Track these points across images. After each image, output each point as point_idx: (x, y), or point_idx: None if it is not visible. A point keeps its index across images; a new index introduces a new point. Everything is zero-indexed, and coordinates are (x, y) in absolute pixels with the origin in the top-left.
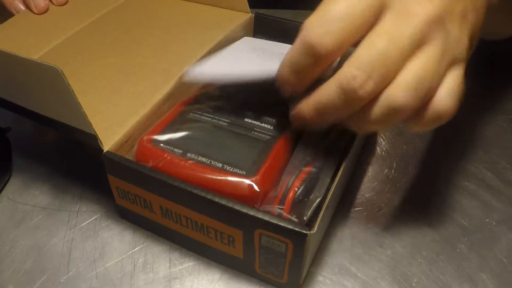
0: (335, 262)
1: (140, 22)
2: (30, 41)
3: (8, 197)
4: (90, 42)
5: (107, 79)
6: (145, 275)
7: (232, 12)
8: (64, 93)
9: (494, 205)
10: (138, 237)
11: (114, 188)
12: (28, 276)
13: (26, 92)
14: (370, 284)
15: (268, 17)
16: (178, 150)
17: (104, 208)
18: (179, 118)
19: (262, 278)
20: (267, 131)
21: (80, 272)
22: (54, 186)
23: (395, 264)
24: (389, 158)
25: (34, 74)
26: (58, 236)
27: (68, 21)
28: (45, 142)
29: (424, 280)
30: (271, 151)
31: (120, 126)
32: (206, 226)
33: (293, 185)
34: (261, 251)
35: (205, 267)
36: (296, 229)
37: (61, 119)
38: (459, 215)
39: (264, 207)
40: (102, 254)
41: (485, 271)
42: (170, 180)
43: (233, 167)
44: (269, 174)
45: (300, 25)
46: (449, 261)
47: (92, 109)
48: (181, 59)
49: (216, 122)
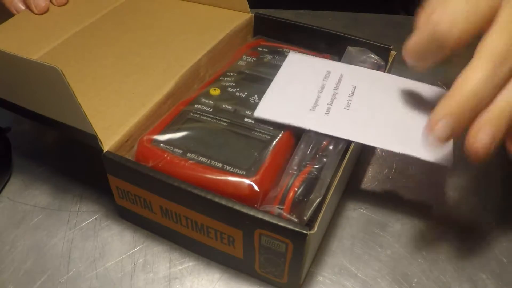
0: (335, 262)
1: (140, 22)
2: (30, 41)
3: (8, 197)
4: (90, 42)
5: (107, 79)
6: (145, 275)
7: (232, 12)
8: (64, 93)
9: (494, 204)
10: (138, 237)
11: (114, 188)
12: (28, 276)
13: (26, 92)
14: (370, 284)
15: (268, 17)
16: (178, 150)
17: (104, 208)
18: (179, 118)
19: (262, 278)
20: (267, 131)
21: (80, 272)
22: (54, 186)
23: (395, 264)
24: (389, 158)
25: (34, 74)
26: (58, 236)
27: (68, 21)
28: (45, 142)
29: (424, 280)
30: (271, 151)
31: (120, 126)
32: (206, 226)
33: (293, 185)
34: (261, 251)
35: (205, 267)
36: (296, 229)
37: (61, 119)
38: (459, 215)
39: (264, 207)
40: (102, 254)
41: (485, 271)
42: (170, 180)
43: (233, 167)
44: (269, 174)
45: (300, 25)
46: (449, 261)
47: (92, 109)
48: (181, 59)
49: (216, 122)
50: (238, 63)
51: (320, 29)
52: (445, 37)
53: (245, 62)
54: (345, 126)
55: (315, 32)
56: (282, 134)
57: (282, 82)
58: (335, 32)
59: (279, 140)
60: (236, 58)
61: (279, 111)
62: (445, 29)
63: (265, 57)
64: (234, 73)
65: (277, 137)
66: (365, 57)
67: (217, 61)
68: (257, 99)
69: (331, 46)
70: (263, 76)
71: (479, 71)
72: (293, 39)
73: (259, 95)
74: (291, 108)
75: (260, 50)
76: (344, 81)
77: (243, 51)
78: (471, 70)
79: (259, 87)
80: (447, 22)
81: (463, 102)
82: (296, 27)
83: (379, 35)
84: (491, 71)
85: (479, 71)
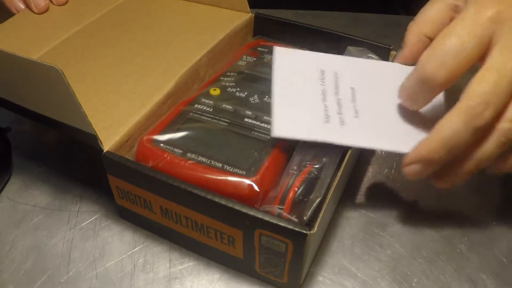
0: (335, 262)
1: (140, 22)
2: (30, 41)
3: (8, 197)
4: (90, 42)
5: (107, 79)
6: (145, 275)
7: (232, 12)
8: (64, 93)
9: (494, 204)
10: (138, 237)
11: (114, 188)
12: (28, 276)
13: (26, 92)
14: (370, 284)
15: (268, 17)
16: (178, 150)
17: (104, 208)
18: (179, 118)
19: (262, 278)
20: (267, 131)
21: (80, 272)
22: (54, 186)
23: (395, 264)
24: (389, 158)
25: (34, 74)
26: (58, 236)
27: (68, 21)
28: (45, 142)
29: (424, 280)
30: (271, 151)
31: (120, 126)
32: (206, 226)
33: (293, 185)
34: (261, 251)
35: (205, 267)
36: (296, 229)
37: (61, 119)
38: (459, 215)
39: (264, 207)
40: (102, 254)
41: (485, 271)
42: (170, 180)
43: (233, 167)
44: (269, 174)
45: (300, 25)
46: (449, 261)
47: (92, 109)
48: (181, 59)
49: (216, 122)
50: (238, 63)
51: (320, 29)
52: (432, 79)
53: (245, 62)
54: (364, 134)
55: (315, 32)
56: None
57: (283, 90)
58: (335, 32)
59: (279, 140)
60: (236, 58)
61: (295, 127)
62: (432, 71)
63: (265, 57)
64: (234, 73)
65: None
66: (365, 57)
67: (217, 61)
68: (257, 99)
69: (331, 46)
70: (263, 76)
71: (455, 121)
72: (293, 39)
73: (259, 95)
74: (305, 122)
75: (260, 50)
76: (341, 82)
77: (243, 51)
78: (448, 118)
79: (259, 87)
80: (434, 64)
81: (434, 151)
82: (296, 27)
83: (379, 35)
84: (467, 122)
85: (454, 121)
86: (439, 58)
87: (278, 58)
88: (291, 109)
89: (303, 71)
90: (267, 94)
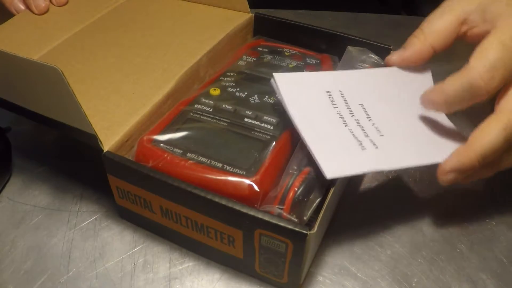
0: (335, 262)
1: (140, 22)
2: (30, 41)
3: (8, 197)
4: (90, 42)
5: (107, 79)
6: (145, 275)
7: (232, 12)
8: (64, 93)
9: (494, 204)
10: (138, 237)
11: (114, 188)
12: (28, 276)
13: (26, 92)
14: (370, 284)
15: (268, 17)
16: (178, 150)
17: (104, 208)
18: (179, 118)
19: (262, 278)
20: (267, 131)
21: (80, 272)
22: (54, 186)
23: (395, 264)
24: None
25: (34, 74)
26: (58, 236)
27: (68, 21)
28: (45, 142)
29: (424, 280)
30: (271, 151)
31: (120, 126)
32: (206, 226)
33: (293, 185)
34: (261, 251)
35: (205, 267)
36: (296, 229)
37: (61, 119)
38: (459, 215)
39: (264, 207)
40: (102, 254)
41: (485, 271)
42: (170, 180)
43: (233, 167)
44: (269, 174)
45: (300, 25)
46: (449, 261)
47: (92, 109)
48: (181, 59)
49: (216, 122)
50: (238, 63)
51: (320, 29)
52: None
53: (245, 62)
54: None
55: (315, 32)
56: (282, 134)
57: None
58: (335, 32)
59: (279, 140)
60: (236, 58)
61: (343, 165)
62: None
63: (265, 57)
64: (234, 73)
65: (277, 137)
66: (365, 57)
67: (217, 61)
68: (257, 99)
69: (331, 46)
70: (263, 76)
71: (495, 133)
72: (293, 39)
73: (259, 95)
74: (347, 156)
75: (260, 50)
76: (349, 100)
77: (243, 51)
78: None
79: (259, 87)
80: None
81: (474, 160)
82: (296, 27)
83: (379, 35)
84: (507, 135)
85: (494, 133)
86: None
87: (282, 87)
88: (326, 146)
89: (312, 96)
90: (267, 94)
